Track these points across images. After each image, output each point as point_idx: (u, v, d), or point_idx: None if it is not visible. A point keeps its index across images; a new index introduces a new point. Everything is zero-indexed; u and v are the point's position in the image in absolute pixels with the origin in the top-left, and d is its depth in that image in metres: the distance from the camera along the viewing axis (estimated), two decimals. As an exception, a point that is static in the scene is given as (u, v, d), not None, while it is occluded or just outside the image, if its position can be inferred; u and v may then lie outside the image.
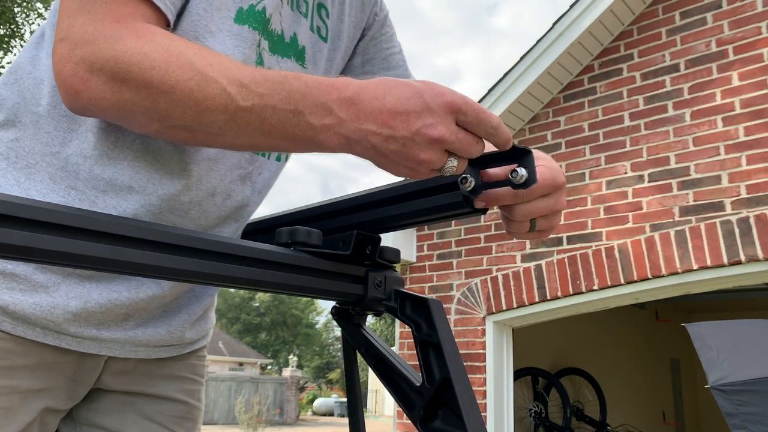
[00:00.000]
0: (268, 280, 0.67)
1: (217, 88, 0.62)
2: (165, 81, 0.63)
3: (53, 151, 0.77)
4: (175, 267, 0.60)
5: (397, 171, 0.63)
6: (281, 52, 0.88)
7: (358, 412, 0.81)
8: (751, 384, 3.25)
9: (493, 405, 4.55)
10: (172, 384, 0.96)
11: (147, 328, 0.87)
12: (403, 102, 0.60)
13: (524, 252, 4.61)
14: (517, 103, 4.69)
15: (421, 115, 0.60)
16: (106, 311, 0.80)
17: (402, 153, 0.60)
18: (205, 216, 0.85)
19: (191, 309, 0.93)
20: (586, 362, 7.04)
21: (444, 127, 0.60)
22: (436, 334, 0.67)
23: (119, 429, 0.90)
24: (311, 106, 0.62)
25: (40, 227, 0.53)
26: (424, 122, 0.60)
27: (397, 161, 0.61)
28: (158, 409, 0.94)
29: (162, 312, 0.88)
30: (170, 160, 0.79)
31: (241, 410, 18.69)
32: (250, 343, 42.01)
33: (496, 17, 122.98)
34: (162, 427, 0.93)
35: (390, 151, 0.61)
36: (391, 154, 0.61)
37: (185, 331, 0.93)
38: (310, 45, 0.93)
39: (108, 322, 0.82)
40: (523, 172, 0.64)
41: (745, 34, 3.97)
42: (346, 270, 0.73)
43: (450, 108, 0.60)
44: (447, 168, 0.61)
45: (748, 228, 3.66)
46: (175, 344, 0.93)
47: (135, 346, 0.87)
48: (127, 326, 0.84)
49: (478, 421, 0.63)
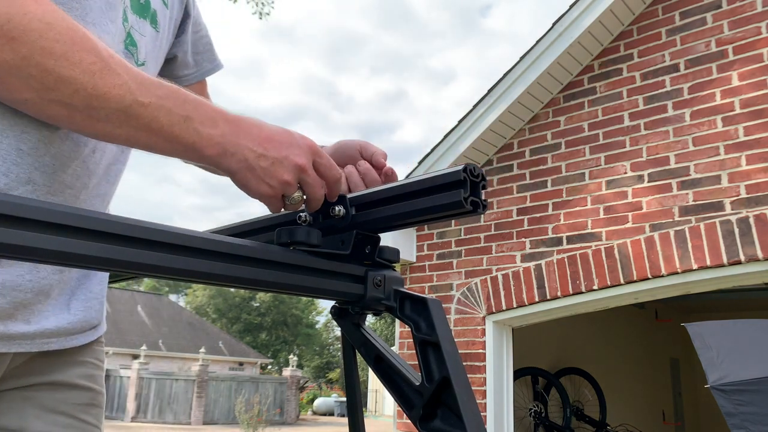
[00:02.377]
0: (268, 279, 0.67)
1: (119, 80, 0.66)
2: (68, 57, 0.63)
3: None
4: (175, 267, 0.61)
5: (257, 187, 0.71)
6: (139, 13, 0.92)
7: (357, 412, 0.81)
8: (750, 384, 3.25)
9: (493, 405, 4.55)
10: (75, 370, 0.92)
11: (50, 318, 0.84)
12: (277, 133, 0.72)
13: (524, 252, 4.61)
14: (517, 103, 4.70)
15: (290, 146, 0.72)
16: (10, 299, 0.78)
17: (269, 171, 0.70)
18: (94, 173, 0.85)
19: (88, 289, 0.91)
20: (586, 362, 7.05)
21: (306, 160, 0.72)
22: (436, 334, 0.67)
23: (21, 427, 0.85)
24: (201, 116, 0.70)
25: (40, 227, 0.53)
26: (292, 151, 0.71)
27: (262, 177, 0.70)
28: (61, 398, 0.90)
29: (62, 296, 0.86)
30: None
31: (241, 410, 18.70)
32: (250, 343, 42.01)
33: (489, 18, 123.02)
34: (67, 416, 0.90)
35: (259, 167, 0.70)
36: (259, 170, 0.70)
37: (88, 313, 0.91)
38: (159, 10, 0.98)
39: (15, 315, 0.79)
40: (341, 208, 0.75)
41: (745, 34, 3.97)
42: (345, 269, 0.73)
43: (311, 149, 0.73)
44: (295, 197, 0.72)
45: (748, 228, 3.66)
46: (84, 331, 0.91)
47: (46, 338, 0.84)
48: (32, 319, 0.81)
49: (478, 421, 0.63)
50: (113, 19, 0.85)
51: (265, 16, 10.09)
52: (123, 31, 0.88)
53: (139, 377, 23.39)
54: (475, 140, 4.85)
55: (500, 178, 4.89)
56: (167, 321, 32.27)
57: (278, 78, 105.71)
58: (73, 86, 0.64)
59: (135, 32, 0.91)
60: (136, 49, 0.91)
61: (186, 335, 31.79)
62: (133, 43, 0.91)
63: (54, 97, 0.64)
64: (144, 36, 0.93)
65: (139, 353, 25.83)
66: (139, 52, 0.93)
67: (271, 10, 10.07)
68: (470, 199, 0.69)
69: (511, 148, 4.92)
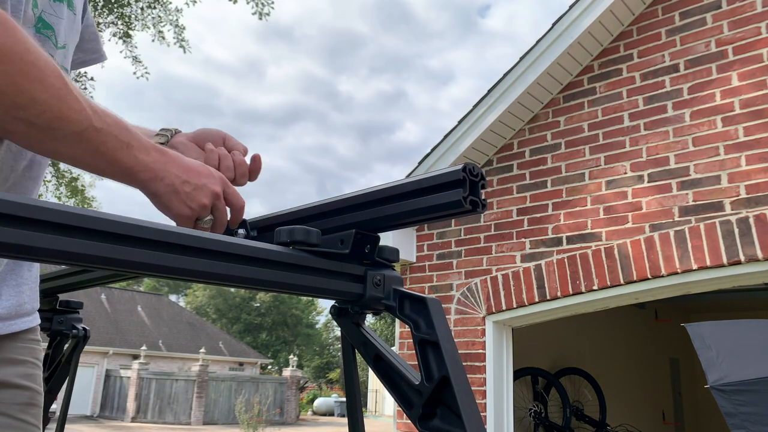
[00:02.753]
0: (268, 279, 0.67)
1: (79, 106, 0.72)
2: (41, 81, 0.68)
3: None
4: (176, 266, 0.61)
5: (179, 208, 0.81)
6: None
7: (357, 412, 0.81)
8: (750, 384, 3.25)
9: (492, 405, 4.55)
10: (13, 368, 0.92)
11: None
12: (196, 164, 0.84)
13: (524, 252, 4.62)
14: (517, 103, 4.70)
15: (207, 176, 0.84)
16: None
17: (191, 195, 0.81)
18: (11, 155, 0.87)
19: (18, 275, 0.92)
20: (586, 362, 7.05)
21: (220, 188, 0.84)
22: (435, 333, 0.67)
23: None
24: (139, 145, 0.79)
25: (40, 226, 0.53)
26: (210, 180, 0.83)
27: (184, 200, 0.81)
28: (0, 398, 0.89)
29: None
30: None
31: (242, 410, 18.70)
32: (250, 343, 41.99)
33: (488, 19, 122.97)
34: (7, 416, 0.89)
35: (183, 192, 0.81)
36: (183, 194, 0.81)
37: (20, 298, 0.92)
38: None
39: None
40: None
41: (745, 35, 3.97)
42: (345, 269, 0.73)
43: (223, 180, 0.86)
44: (207, 220, 0.83)
45: (748, 228, 3.66)
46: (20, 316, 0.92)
47: None
48: None
49: (477, 420, 0.63)
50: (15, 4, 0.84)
51: (265, 16, 10.09)
52: (33, 17, 0.89)
53: (139, 377, 23.39)
54: (475, 140, 4.85)
55: (500, 178, 4.89)
56: (167, 321, 32.26)
57: (277, 78, 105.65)
58: (41, 108, 0.68)
59: (49, 16, 0.92)
60: (53, 32, 0.92)
61: (186, 335, 31.78)
62: (46, 26, 0.91)
63: (21, 116, 0.68)
64: (61, 19, 0.94)
65: (139, 353, 25.84)
66: (58, 35, 0.94)
67: (271, 10, 10.06)
68: (469, 199, 0.69)
69: (511, 149, 4.92)
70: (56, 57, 0.94)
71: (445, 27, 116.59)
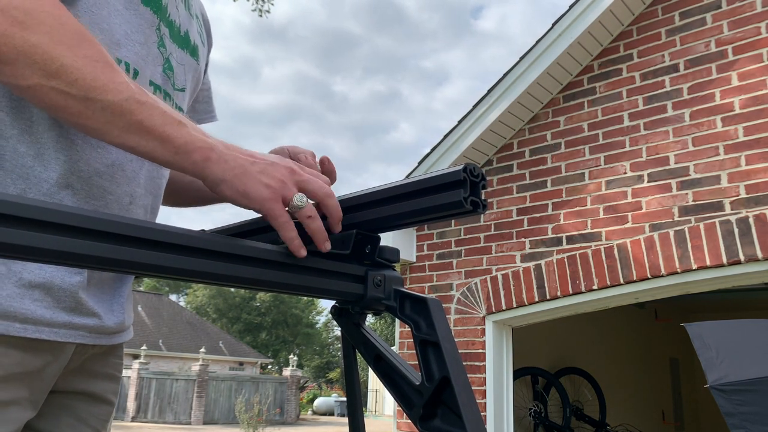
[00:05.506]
0: (269, 279, 0.67)
1: (119, 77, 0.70)
2: (72, 49, 0.67)
3: None
4: (177, 266, 0.61)
5: (256, 190, 0.70)
6: (179, 43, 0.97)
7: (357, 412, 0.81)
8: (750, 384, 3.25)
9: (492, 405, 4.55)
10: (108, 384, 0.96)
11: (102, 316, 0.87)
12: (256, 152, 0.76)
13: (524, 252, 4.61)
14: (517, 103, 4.70)
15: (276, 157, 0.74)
16: (66, 287, 0.80)
17: (265, 171, 0.71)
18: (134, 180, 0.88)
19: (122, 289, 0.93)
20: (586, 362, 7.05)
21: (292, 164, 0.74)
22: (435, 333, 0.67)
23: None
24: (193, 126, 0.73)
25: (40, 226, 0.53)
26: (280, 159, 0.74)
27: (258, 178, 0.71)
28: (93, 411, 0.93)
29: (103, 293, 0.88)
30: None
31: (242, 410, 18.70)
32: (250, 343, 42.01)
33: (481, 20, 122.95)
34: (93, 429, 0.93)
35: (255, 170, 0.71)
36: (254, 173, 0.71)
37: (127, 314, 0.94)
38: (199, 45, 1.04)
39: (78, 308, 0.82)
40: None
41: (745, 34, 3.97)
42: (345, 269, 0.73)
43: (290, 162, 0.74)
44: (297, 198, 0.71)
45: (748, 228, 3.66)
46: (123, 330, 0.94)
47: (98, 334, 0.87)
48: (82, 309, 0.83)
49: (477, 420, 0.63)
50: (142, 42, 0.88)
51: (265, 13, 10.08)
52: (161, 56, 0.92)
53: (140, 377, 23.38)
54: (475, 140, 4.85)
55: (500, 178, 4.89)
56: (167, 321, 32.26)
57: (272, 79, 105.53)
58: (73, 75, 0.67)
59: (173, 59, 0.95)
60: (173, 74, 0.96)
61: (186, 335, 31.78)
62: (170, 68, 0.95)
63: (54, 85, 0.67)
64: (182, 65, 0.98)
65: (139, 353, 25.83)
66: (176, 77, 0.97)
67: (271, 7, 10.06)
68: (470, 199, 0.69)
69: (511, 148, 4.92)
70: (175, 98, 0.97)
71: (438, 28, 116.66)
